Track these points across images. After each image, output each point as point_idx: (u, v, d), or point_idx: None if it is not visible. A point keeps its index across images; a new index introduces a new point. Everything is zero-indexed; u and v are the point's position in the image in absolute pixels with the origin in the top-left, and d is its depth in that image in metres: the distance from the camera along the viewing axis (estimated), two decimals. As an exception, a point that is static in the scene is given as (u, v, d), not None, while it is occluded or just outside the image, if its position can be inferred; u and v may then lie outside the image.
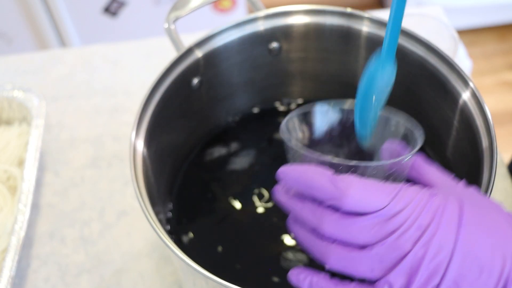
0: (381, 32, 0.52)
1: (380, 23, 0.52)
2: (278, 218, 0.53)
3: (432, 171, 0.38)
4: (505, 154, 1.28)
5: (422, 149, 0.55)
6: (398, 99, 0.56)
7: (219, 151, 0.58)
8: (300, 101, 0.61)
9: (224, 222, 0.53)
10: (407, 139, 0.40)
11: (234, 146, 0.59)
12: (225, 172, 0.58)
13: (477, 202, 0.34)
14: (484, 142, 0.45)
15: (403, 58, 0.52)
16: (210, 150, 0.58)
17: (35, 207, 0.64)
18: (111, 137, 0.69)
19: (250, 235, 0.53)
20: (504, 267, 0.32)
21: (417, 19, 0.69)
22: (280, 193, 0.37)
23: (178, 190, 0.55)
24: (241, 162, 0.59)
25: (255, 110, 0.60)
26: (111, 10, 1.25)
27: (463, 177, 0.49)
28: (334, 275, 0.35)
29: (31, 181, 0.59)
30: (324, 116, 0.42)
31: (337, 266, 0.33)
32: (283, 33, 0.54)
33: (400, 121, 0.40)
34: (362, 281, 0.33)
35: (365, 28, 0.52)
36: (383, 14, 0.78)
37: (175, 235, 0.52)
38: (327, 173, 0.33)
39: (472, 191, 0.36)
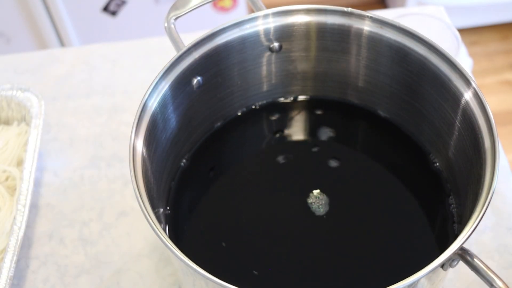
0: (382, 32, 0.52)
1: (381, 22, 0.51)
2: (278, 219, 0.53)
3: None
4: (508, 155, 1.28)
5: (423, 149, 0.55)
6: (399, 99, 0.56)
7: (219, 150, 0.58)
8: (301, 98, 0.61)
9: (224, 222, 0.53)
10: None
11: (234, 145, 0.59)
12: (225, 172, 0.57)
13: None
14: (486, 142, 0.44)
15: (404, 57, 0.51)
16: (210, 149, 0.58)
17: (34, 207, 0.63)
18: (111, 137, 0.69)
19: (250, 234, 0.52)
20: None
21: (419, 18, 0.69)
22: None
23: (178, 190, 0.55)
24: (241, 161, 0.58)
25: (255, 109, 0.60)
26: (110, 9, 1.25)
27: (465, 177, 0.48)
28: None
29: (30, 181, 0.59)
30: None
31: None
32: (284, 32, 0.54)
33: None
34: None
35: (367, 27, 0.52)
36: (385, 13, 0.77)
37: (175, 235, 0.52)
38: None
39: None
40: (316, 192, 0.53)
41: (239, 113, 0.59)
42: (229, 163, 0.58)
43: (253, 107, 0.60)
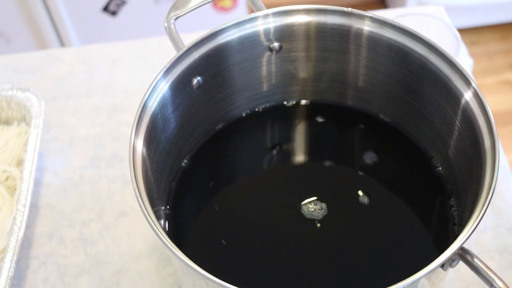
0: (382, 32, 0.52)
1: (381, 22, 0.51)
2: (279, 219, 0.53)
3: None
4: (508, 155, 1.28)
5: (423, 149, 0.55)
6: (399, 99, 0.56)
7: (219, 150, 0.58)
8: (303, 102, 0.61)
9: (224, 223, 0.53)
10: None
11: (234, 145, 0.59)
12: (225, 172, 0.57)
13: None
14: (487, 142, 0.44)
15: (405, 57, 0.51)
16: (210, 150, 0.58)
17: (34, 207, 0.63)
18: (111, 137, 0.69)
19: (251, 235, 0.52)
20: None
21: (419, 18, 0.69)
22: None
23: (178, 190, 0.55)
24: (241, 162, 0.58)
25: (256, 109, 0.60)
26: (110, 9, 1.25)
27: (465, 177, 0.48)
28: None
29: (30, 181, 0.59)
30: None
31: None
32: (284, 32, 0.54)
33: None
34: None
35: (367, 27, 0.52)
36: (385, 13, 0.77)
37: (175, 235, 0.52)
38: None
39: None
40: (315, 195, 0.53)
41: (241, 116, 0.59)
42: (230, 165, 0.58)
43: (256, 109, 0.60)
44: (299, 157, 0.58)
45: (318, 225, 0.52)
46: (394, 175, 0.56)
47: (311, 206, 0.52)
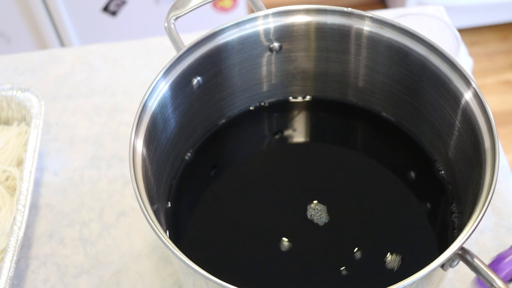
0: (382, 32, 0.52)
1: (381, 22, 0.51)
2: (279, 219, 0.53)
3: None
4: (508, 155, 1.28)
5: (423, 149, 0.55)
6: (399, 99, 0.56)
7: (218, 150, 0.58)
8: (307, 98, 0.60)
9: (224, 222, 0.53)
10: None
11: (234, 145, 0.59)
12: (225, 172, 0.57)
13: None
14: (487, 143, 0.44)
15: (405, 58, 0.51)
16: (210, 149, 0.58)
17: (34, 207, 0.63)
18: (111, 137, 0.69)
19: (250, 235, 0.52)
20: None
21: (419, 18, 0.69)
22: None
23: (178, 190, 0.55)
24: (241, 161, 0.58)
25: (255, 109, 0.60)
26: (110, 9, 1.25)
27: (466, 178, 0.48)
28: None
29: (30, 181, 0.59)
30: None
31: None
32: (284, 32, 0.54)
33: None
34: None
35: (367, 27, 0.52)
36: (385, 13, 0.77)
37: (175, 235, 0.52)
38: None
39: None
40: (316, 201, 0.53)
41: (243, 111, 0.59)
42: (231, 162, 0.58)
43: (263, 103, 0.59)
44: (301, 158, 0.58)
45: (319, 225, 0.52)
46: (396, 177, 0.56)
47: (313, 206, 0.53)
